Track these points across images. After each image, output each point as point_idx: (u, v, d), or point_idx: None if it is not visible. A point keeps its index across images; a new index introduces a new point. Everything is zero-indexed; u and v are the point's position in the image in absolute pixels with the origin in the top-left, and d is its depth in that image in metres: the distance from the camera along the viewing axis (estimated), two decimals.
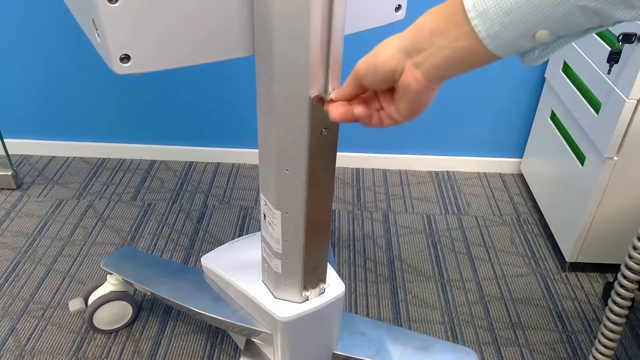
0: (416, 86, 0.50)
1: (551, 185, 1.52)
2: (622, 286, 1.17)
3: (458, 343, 1.23)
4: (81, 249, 1.44)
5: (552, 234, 1.50)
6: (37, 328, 1.22)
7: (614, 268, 1.37)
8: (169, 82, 1.67)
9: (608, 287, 1.33)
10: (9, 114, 1.74)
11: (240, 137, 1.77)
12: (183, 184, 1.71)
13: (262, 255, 0.96)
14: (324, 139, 0.75)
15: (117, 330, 1.22)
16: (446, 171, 1.81)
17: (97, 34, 0.62)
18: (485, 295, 1.35)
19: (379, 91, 0.56)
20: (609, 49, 1.16)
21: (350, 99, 0.59)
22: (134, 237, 1.49)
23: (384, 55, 0.51)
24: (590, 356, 1.03)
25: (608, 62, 1.16)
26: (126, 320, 1.22)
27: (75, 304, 1.18)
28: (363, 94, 0.58)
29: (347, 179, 1.76)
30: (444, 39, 0.47)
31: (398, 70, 0.51)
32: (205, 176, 1.75)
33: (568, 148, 1.42)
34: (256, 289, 0.98)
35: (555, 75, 1.51)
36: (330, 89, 0.72)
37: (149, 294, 1.12)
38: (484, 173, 1.81)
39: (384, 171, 1.80)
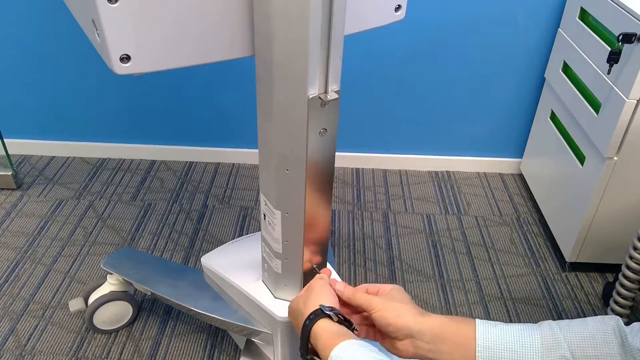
0: (403, 353, 0.66)
1: (551, 185, 1.52)
2: (623, 286, 1.17)
3: None
4: (81, 249, 1.44)
5: (552, 234, 1.50)
6: (37, 328, 1.22)
7: (614, 268, 1.37)
8: (169, 82, 1.67)
9: (608, 287, 1.33)
10: (9, 114, 1.74)
11: (240, 137, 1.77)
12: (183, 184, 1.71)
13: (262, 255, 0.96)
14: (323, 139, 0.75)
15: (117, 330, 1.22)
16: (446, 171, 1.81)
17: (97, 34, 0.62)
18: (485, 295, 1.35)
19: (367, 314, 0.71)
20: (609, 49, 1.16)
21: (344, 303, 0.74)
22: (134, 237, 1.49)
23: (400, 322, 0.66)
24: None
25: (608, 62, 1.16)
26: (126, 320, 1.22)
27: (75, 304, 1.18)
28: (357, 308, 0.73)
29: (347, 179, 1.76)
30: (445, 347, 0.63)
31: (402, 336, 0.66)
32: (205, 176, 1.75)
33: (568, 148, 1.42)
34: (256, 289, 0.98)
35: (555, 75, 1.51)
36: (330, 89, 0.72)
37: (149, 294, 1.12)
38: (484, 173, 1.80)
39: (384, 171, 1.80)
